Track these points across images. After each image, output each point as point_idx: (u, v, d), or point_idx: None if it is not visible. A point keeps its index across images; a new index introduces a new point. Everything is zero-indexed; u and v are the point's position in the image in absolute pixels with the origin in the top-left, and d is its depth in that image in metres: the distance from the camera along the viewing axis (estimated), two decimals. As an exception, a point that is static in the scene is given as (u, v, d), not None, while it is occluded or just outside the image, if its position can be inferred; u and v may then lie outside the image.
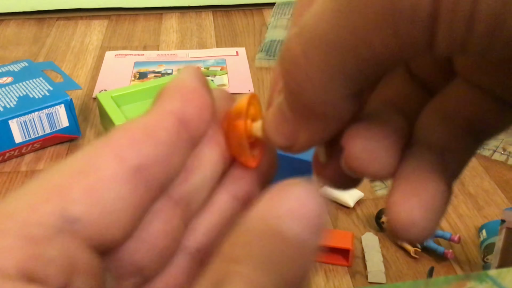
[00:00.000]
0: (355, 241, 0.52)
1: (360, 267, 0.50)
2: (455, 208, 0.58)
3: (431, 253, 0.51)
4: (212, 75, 0.82)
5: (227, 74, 0.82)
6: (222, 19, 1.01)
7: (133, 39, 0.93)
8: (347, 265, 0.50)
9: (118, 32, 0.95)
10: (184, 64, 0.85)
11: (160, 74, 0.82)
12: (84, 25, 0.98)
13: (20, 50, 0.89)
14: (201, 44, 0.92)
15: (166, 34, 0.95)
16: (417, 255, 0.51)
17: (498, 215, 0.56)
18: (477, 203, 0.58)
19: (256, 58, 0.85)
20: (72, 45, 0.91)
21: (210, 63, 0.85)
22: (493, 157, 0.65)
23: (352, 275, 0.50)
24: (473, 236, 0.54)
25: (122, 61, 0.86)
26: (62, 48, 0.90)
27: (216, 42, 0.92)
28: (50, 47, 0.90)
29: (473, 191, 0.60)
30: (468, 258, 0.51)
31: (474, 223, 0.55)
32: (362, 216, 0.56)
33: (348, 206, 0.57)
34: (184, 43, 0.92)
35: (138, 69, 0.84)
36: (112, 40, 0.93)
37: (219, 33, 0.96)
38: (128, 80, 0.81)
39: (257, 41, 0.92)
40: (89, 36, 0.94)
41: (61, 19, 0.99)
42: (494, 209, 0.57)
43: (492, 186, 0.61)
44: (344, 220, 0.56)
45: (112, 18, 1.00)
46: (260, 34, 0.95)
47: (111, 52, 0.88)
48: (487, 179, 0.62)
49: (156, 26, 0.98)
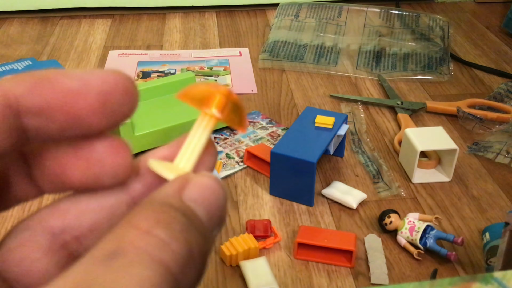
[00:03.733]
0: (358, 242, 0.52)
1: (363, 268, 0.50)
2: (459, 210, 0.57)
3: (434, 255, 0.51)
4: (215, 75, 0.82)
5: (230, 74, 0.82)
6: (226, 19, 1.01)
7: (136, 39, 0.93)
8: (350, 266, 0.50)
9: (121, 32, 0.95)
10: (188, 64, 0.85)
11: (164, 73, 0.82)
12: (88, 24, 0.98)
13: (24, 49, 0.89)
14: (204, 44, 0.92)
15: (169, 34, 0.95)
16: (420, 257, 0.51)
17: (501, 218, 0.56)
18: (481, 206, 0.58)
19: (259, 59, 0.85)
20: (76, 44, 0.91)
21: (213, 63, 0.85)
22: (497, 159, 0.65)
23: (355, 276, 0.49)
24: (476, 238, 0.54)
25: (125, 61, 0.86)
26: (66, 47, 0.90)
27: (220, 42, 0.92)
28: (53, 45, 0.90)
29: (477, 194, 0.60)
30: (471, 260, 0.51)
31: (477, 226, 0.55)
32: (365, 218, 0.56)
33: (351, 208, 0.57)
34: (188, 43, 0.92)
35: (142, 68, 0.84)
36: (115, 40, 0.93)
37: (223, 33, 0.95)
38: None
39: (260, 42, 0.92)
40: (92, 35, 0.94)
41: (65, 18, 0.99)
42: (497, 212, 0.57)
43: (495, 188, 0.61)
44: (347, 222, 0.55)
45: (116, 17, 1.00)
46: (264, 34, 0.95)
47: (115, 51, 0.88)
48: (490, 182, 0.62)
49: (160, 26, 0.98)
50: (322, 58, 0.85)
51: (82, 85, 0.13)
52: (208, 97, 0.15)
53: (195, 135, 0.15)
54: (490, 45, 0.93)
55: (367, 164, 0.63)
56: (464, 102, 0.74)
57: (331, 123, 0.59)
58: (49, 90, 0.13)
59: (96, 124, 0.13)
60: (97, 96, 0.13)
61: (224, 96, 0.15)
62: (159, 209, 0.12)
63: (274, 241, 0.52)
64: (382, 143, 0.68)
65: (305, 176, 0.55)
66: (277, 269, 0.50)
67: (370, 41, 0.89)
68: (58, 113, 0.13)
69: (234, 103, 0.15)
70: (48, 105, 0.13)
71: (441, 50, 0.86)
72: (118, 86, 0.13)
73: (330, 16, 0.94)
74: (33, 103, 0.13)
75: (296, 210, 0.57)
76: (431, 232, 0.51)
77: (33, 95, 0.13)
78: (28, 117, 0.13)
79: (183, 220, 0.12)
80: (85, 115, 0.13)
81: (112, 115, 0.13)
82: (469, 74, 0.84)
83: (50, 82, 0.13)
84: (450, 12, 1.04)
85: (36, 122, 0.13)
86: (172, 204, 0.13)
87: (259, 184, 0.60)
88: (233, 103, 0.15)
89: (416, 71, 0.83)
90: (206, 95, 0.15)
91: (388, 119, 0.73)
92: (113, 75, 0.13)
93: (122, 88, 0.13)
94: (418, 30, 0.92)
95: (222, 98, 0.15)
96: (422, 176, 0.61)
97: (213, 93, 0.15)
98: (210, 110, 0.15)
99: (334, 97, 0.77)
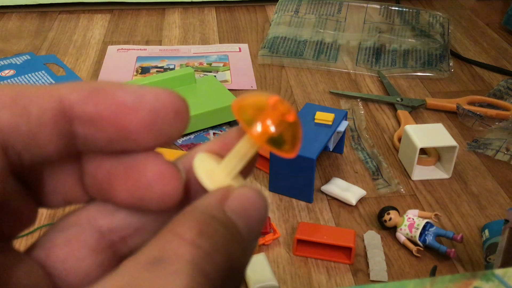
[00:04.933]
0: (357, 239, 0.52)
1: (362, 265, 0.50)
2: (458, 207, 0.57)
3: (433, 252, 0.51)
4: (214, 71, 0.82)
5: (230, 70, 0.82)
6: (225, 15, 1.00)
7: (135, 34, 0.93)
8: (349, 263, 0.50)
9: (120, 27, 0.95)
10: (187, 60, 0.85)
11: (163, 69, 0.82)
12: (87, 19, 0.97)
13: (22, 43, 0.89)
14: (203, 39, 0.91)
15: (168, 29, 0.95)
16: (419, 254, 0.51)
17: (501, 215, 0.56)
18: (480, 203, 0.58)
19: (259, 55, 0.85)
20: (74, 39, 0.90)
21: (212, 58, 0.85)
22: (496, 157, 0.65)
23: (354, 273, 0.49)
24: (476, 235, 0.53)
25: (124, 56, 0.85)
26: (64, 42, 0.89)
27: (219, 38, 0.92)
28: (52, 40, 0.90)
29: (476, 191, 0.60)
30: (470, 258, 0.51)
31: (476, 223, 0.55)
32: (365, 214, 0.56)
33: (350, 204, 0.56)
34: (187, 38, 0.92)
35: (140, 64, 0.83)
36: (114, 35, 0.92)
37: (222, 29, 0.95)
38: (131, 75, 0.80)
39: (260, 38, 0.92)
40: (91, 30, 0.93)
41: (64, 13, 0.99)
42: (497, 209, 0.57)
43: (495, 186, 0.61)
44: (346, 218, 0.55)
45: (115, 12, 1.00)
46: (263, 30, 0.94)
47: (113, 46, 0.88)
48: (490, 179, 0.62)
49: (159, 21, 0.97)
50: (321, 54, 0.85)
51: (136, 100, 0.13)
52: (265, 109, 0.14)
53: (244, 147, 0.15)
54: (490, 42, 0.93)
55: (366, 161, 0.63)
56: (464, 99, 0.74)
57: (330, 119, 0.59)
58: (103, 101, 0.13)
59: (143, 141, 0.13)
60: (149, 113, 0.13)
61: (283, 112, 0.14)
62: (202, 220, 0.12)
63: (273, 238, 0.52)
64: (381, 139, 0.68)
65: (304, 173, 0.55)
66: (276, 265, 0.50)
67: (370, 38, 0.89)
68: (109, 125, 0.13)
69: (292, 122, 0.14)
70: (100, 116, 0.13)
71: (441, 47, 0.86)
72: (171, 106, 0.13)
73: (330, 12, 0.94)
74: (86, 112, 0.13)
75: (295, 207, 0.57)
76: (431, 229, 0.51)
77: (87, 104, 0.13)
78: (80, 124, 0.13)
79: (225, 232, 0.12)
80: (134, 130, 0.13)
81: (160, 134, 0.13)
82: (469, 71, 0.84)
83: (105, 93, 0.13)
84: (450, 9, 1.04)
85: (87, 130, 0.13)
86: (215, 215, 0.13)
87: (258, 181, 0.60)
88: (292, 122, 0.14)
89: (416, 68, 0.82)
90: (263, 106, 0.14)
91: (388, 115, 0.73)
92: (168, 94, 0.13)
93: (174, 108, 0.13)
94: (418, 27, 0.91)
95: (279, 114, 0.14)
96: (421, 173, 0.61)
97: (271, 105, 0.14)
98: (266, 124, 0.14)
99: (334, 93, 0.76)
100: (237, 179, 0.15)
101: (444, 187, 0.60)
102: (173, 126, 0.13)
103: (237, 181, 0.15)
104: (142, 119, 0.13)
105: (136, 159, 0.14)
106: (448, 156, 0.61)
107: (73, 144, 0.13)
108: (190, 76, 0.71)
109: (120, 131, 0.13)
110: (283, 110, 0.14)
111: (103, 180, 0.14)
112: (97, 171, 0.14)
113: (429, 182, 0.61)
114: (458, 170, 0.62)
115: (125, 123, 0.13)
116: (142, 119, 0.13)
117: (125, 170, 0.14)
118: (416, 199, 0.58)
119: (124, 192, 0.14)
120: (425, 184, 0.60)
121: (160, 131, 0.13)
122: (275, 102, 0.14)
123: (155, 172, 0.14)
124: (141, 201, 0.14)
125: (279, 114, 0.14)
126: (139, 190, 0.14)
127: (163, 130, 0.13)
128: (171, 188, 0.14)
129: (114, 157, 0.14)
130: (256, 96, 0.15)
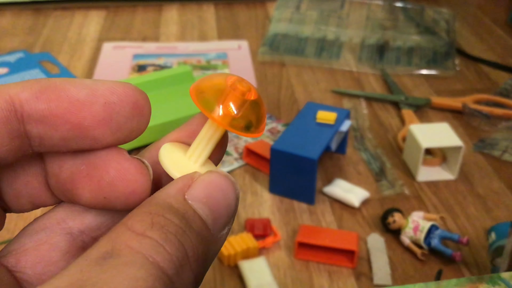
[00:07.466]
0: (360, 242, 0.51)
1: (365, 268, 0.49)
2: (464, 209, 0.56)
3: (438, 255, 0.50)
4: (213, 68, 0.80)
5: (229, 68, 0.80)
6: (224, 11, 0.99)
7: (132, 31, 0.91)
8: (352, 266, 0.49)
9: (116, 24, 0.93)
10: (185, 57, 0.83)
11: (160, 67, 0.80)
12: (82, 16, 0.96)
13: (16, 41, 0.87)
14: (202, 37, 0.90)
15: (166, 26, 0.93)
16: (424, 258, 0.50)
17: (508, 217, 0.55)
18: (486, 205, 0.57)
19: (259, 52, 0.83)
20: (69, 36, 0.89)
21: (211, 56, 0.83)
22: (503, 157, 0.63)
23: (357, 277, 0.48)
24: (482, 238, 0.52)
25: (120, 53, 0.84)
26: (59, 39, 0.88)
27: (218, 35, 0.90)
28: (46, 38, 0.88)
29: (482, 192, 0.58)
30: (476, 261, 0.50)
31: (482, 225, 0.54)
32: (368, 217, 0.54)
33: (353, 206, 0.55)
34: (185, 35, 0.90)
35: (137, 61, 0.82)
36: (110, 32, 0.90)
37: (221, 26, 0.93)
38: (127, 73, 0.79)
39: (260, 35, 0.90)
40: (86, 27, 0.92)
41: (58, 10, 0.97)
42: (504, 211, 0.56)
43: (501, 187, 0.59)
44: (349, 221, 0.54)
45: (111, 9, 0.98)
46: (263, 27, 0.93)
47: (109, 43, 0.86)
48: (496, 180, 0.60)
49: (156, 18, 0.96)
50: (323, 51, 0.84)
51: (89, 95, 0.13)
52: (224, 91, 0.14)
53: (209, 131, 0.14)
54: (496, 39, 0.91)
55: (370, 162, 0.62)
56: (470, 98, 0.72)
57: (333, 119, 0.57)
58: (55, 98, 0.13)
59: (101, 138, 0.13)
60: (103, 107, 0.13)
61: (243, 91, 0.14)
62: (155, 211, 0.12)
63: (273, 241, 0.51)
64: (385, 140, 0.66)
65: (306, 174, 0.54)
66: (276, 269, 0.49)
67: (373, 35, 0.87)
68: (62, 122, 0.13)
69: (254, 100, 0.14)
70: (51, 113, 0.13)
71: (446, 44, 0.85)
72: (128, 98, 0.13)
73: (332, 9, 0.93)
74: (38, 110, 0.13)
75: (296, 209, 0.55)
76: (436, 232, 0.50)
77: (38, 102, 0.13)
78: (32, 124, 0.13)
79: (179, 222, 0.12)
80: (88, 126, 0.13)
81: (118, 128, 0.13)
82: (475, 69, 0.82)
83: (56, 90, 0.13)
84: (455, 6, 1.03)
85: (40, 130, 0.13)
86: (172, 205, 0.12)
87: (259, 182, 0.59)
88: (253, 100, 0.14)
89: (420, 66, 0.81)
90: (221, 87, 0.14)
91: (392, 115, 0.71)
92: (123, 86, 0.13)
93: (131, 101, 0.13)
94: (423, 24, 0.90)
95: (240, 94, 0.14)
96: (426, 174, 0.60)
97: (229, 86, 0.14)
98: (227, 106, 0.14)
99: (336, 92, 0.75)
100: (207, 166, 0.14)
101: (450, 189, 0.59)
102: (132, 119, 0.13)
103: (207, 168, 0.14)
104: (96, 113, 0.13)
105: (98, 157, 0.13)
106: (453, 157, 0.59)
107: (28, 145, 0.13)
108: (188, 74, 0.69)
109: (75, 128, 0.13)
110: (243, 90, 0.14)
111: (67, 181, 0.14)
112: (60, 172, 0.14)
113: (434, 183, 0.59)
114: (464, 171, 0.61)
115: (79, 119, 0.13)
116: (96, 114, 0.13)
117: (87, 170, 0.13)
118: (421, 201, 0.57)
119: (89, 192, 0.13)
120: (430, 186, 0.59)
121: (117, 125, 0.13)
122: (234, 82, 0.14)
123: (118, 169, 0.13)
124: (107, 201, 0.13)
125: (240, 94, 0.14)
126: (103, 189, 0.13)
127: (121, 124, 0.13)
128: (137, 185, 0.13)
129: (76, 157, 0.13)
130: (214, 77, 0.14)
